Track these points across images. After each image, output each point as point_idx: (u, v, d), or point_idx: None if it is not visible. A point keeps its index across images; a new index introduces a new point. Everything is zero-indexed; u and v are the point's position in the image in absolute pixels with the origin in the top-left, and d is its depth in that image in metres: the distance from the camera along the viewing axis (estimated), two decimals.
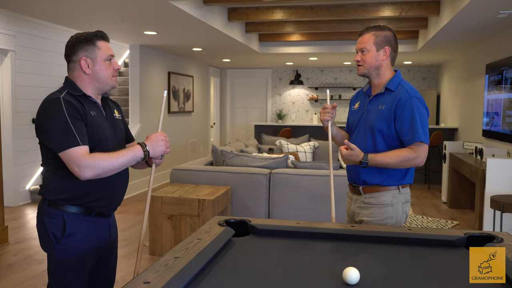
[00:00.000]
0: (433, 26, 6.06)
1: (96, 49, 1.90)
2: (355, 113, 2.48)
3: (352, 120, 2.49)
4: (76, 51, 1.89)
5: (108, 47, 1.95)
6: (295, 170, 4.82)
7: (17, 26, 6.06)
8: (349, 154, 2.24)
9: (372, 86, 2.43)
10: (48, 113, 1.80)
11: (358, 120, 2.42)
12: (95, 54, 1.90)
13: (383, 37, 2.30)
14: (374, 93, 2.38)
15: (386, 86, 2.32)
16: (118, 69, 1.98)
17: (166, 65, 8.41)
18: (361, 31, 2.37)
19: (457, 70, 8.38)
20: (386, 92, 2.32)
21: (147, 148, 1.93)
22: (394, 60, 2.37)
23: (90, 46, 1.89)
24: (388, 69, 2.35)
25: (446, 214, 6.14)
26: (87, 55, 1.89)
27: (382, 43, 2.30)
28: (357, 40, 2.39)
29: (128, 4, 4.54)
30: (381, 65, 2.32)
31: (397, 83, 2.32)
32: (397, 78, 2.35)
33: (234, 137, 11.62)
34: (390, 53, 2.32)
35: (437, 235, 1.96)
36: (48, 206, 1.87)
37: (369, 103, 2.39)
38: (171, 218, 4.21)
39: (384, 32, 2.31)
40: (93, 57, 1.90)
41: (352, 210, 2.47)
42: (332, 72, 11.03)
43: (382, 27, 2.32)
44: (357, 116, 2.44)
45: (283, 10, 5.95)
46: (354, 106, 2.52)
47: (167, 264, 1.56)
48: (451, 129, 8.28)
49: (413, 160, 2.22)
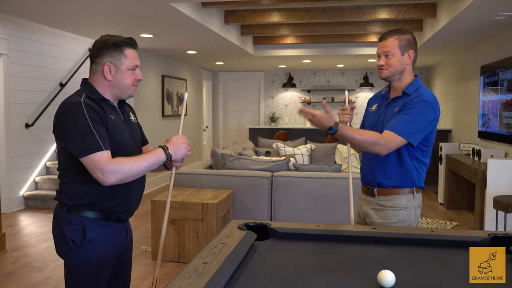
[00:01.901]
0: (429, 29, 6.10)
1: (122, 57, 1.85)
2: (372, 115, 2.46)
3: (369, 122, 2.47)
4: (102, 54, 1.83)
5: (135, 57, 1.89)
6: (297, 172, 4.80)
7: (10, 29, 5.95)
8: (323, 116, 2.10)
9: (391, 89, 2.41)
10: (69, 117, 1.74)
11: (374, 123, 2.40)
12: (120, 62, 1.84)
13: (406, 41, 2.29)
14: (393, 96, 2.37)
15: (404, 91, 2.30)
16: (140, 80, 1.92)
17: (160, 68, 8.35)
18: (383, 35, 2.33)
19: (450, 72, 8.46)
20: (403, 96, 2.31)
21: (170, 151, 1.88)
22: (415, 63, 2.36)
23: (117, 53, 1.84)
24: (410, 73, 2.34)
25: (444, 215, 6.17)
26: (112, 61, 1.83)
27: (406, 47, 2.29)
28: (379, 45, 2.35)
29: (127, 5, 4.49)
30: (405, 69, 2.31)
31: (415, 88, 2.30)
32: (417, 83, 2.33)
33: (227, 140, 11.58)
34: (414, 56, 2.32)
35: (460, 237, 1.94)
36: (67, 212, 1.81)
37: (386, 106, 2.38)
38: (174, 222, 4.16)
39: (407, 35, 2.30)
40: (118, 65, 1.84)
41: (364, 211, 2.45)
42: (325, 74, 11.06)
43: (404, 31, 2.31)
44: (374, 119, 2.43)
45: (280, 12, 5.94)
46: (371, 108, 2.50)
47: (197, 269, 1.53)
48: (445, 130, 8.34)
49: (377, 145, 2.13)
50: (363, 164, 2.46)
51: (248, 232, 1.98)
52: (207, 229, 4.07)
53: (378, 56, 2.35)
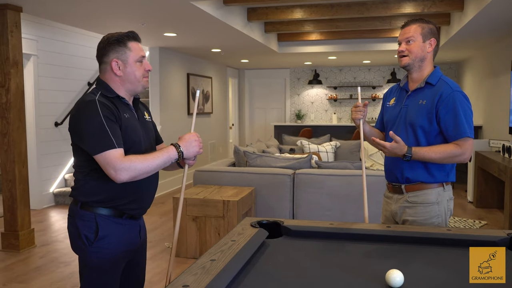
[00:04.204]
0: (456, 22, 5.94)
1: (127, 50, 1.88)
2: (391, 110, 2.42)
3: (388, 117, 2.42)
4: (107, 52, 1.87)
5: (140, 48, 1.93)
6: (319, 170, 4.76)
7: (39, 30, 6.12)
8: (394, 146, 2.16)
9: (410, 81, 2.37)
10: (84, 116, 1.78)
11: (395, 117, 2.35)
12: (126, 56, 1.88)
13: (429, 29, 2.27)
14: (413, 88, 2.33)
15: (427, 81, 2.27)
16: (150, 70, 1.95)
17: (185, 66, 8.43)
18: (406, 23, 2.31)
19: (480, 67, 8.22)
20: (427, 86, 2.27)
21: (181, 149, 1.90)
22: (435, 55, 2.33)
23: (121, 47, 1.87)
24: (430, 63, 2.31)
25: (473, 214, 6.01)
26: (118, 56, 1.87)
27: (428, 35, 2.27)
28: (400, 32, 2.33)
29: (150, 5, 4.55)
30: (426, 57, 2.28)
31: (438, 77, 2.27)
32: (438, 72, 2.30)
33: (253, 137, 11.60)
34: (435, 46, 2.28)
35: (478, 236, 1.89)
36: (81, 208, 1.86)
37: (407, 98, 2.33)
38: (195, 219, 4.20)
39: (430, 25, 2.29)
40: (124, 59, 1.88)
41: (393, 210, 2.39)
42: (351, 71, 10.93)
43: (427, 20, 2.29)
44: (394, 112, 2.38)
45: (303, 9, 5.90)
46: (389, 103, 2.45)
47: (204, 266, 1.53)
48: (475, 127, 8.10)
49: (458, 156, 2.16)
50: (389, 161, 2.42)
51: (260, 229, 1.98)
52: (228, 226, 4.10)
53: (399, 43, 2.32)
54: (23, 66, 6.02)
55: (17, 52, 4.45)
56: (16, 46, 4.43)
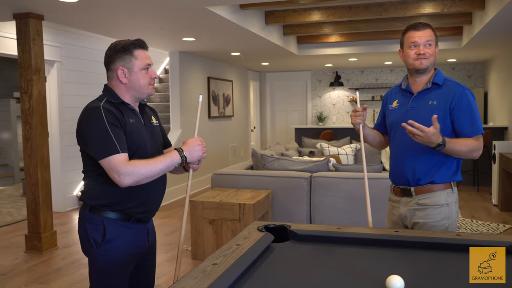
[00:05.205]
0: (478, 21, 5.82)
1: (133, 58, 1.92)
2: (395, 112, 2.40)
3: (393, 119, 2.41)
4: (114, 60, 1.92)
5: (146, 56, 1.96)
6: (337, 173, 4.74)
7: (63, 37, 6.28)
8: (433, 132, 2.05)
9: (412, 83, 2.37)
10: (89, 121, 1.83)
11: (401, 119, 2.33)
12: (132, 64, 1.92)
13: (436, 35, 2.33)
14: (418, 89, 2.33)
15: (433, 81, 2.29)
16: (155, 78, 1.99)
17: (205, 70, 8.50)
18: (420, 25, 2.28)
19: (505, 66, 8.02)
20: (433, 87, 2.29)
21: (184, 153, 1.93)
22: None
23: (127, 55, 1.91)
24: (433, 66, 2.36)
25: (498, 217, 5.86)
26: (124, 64, 1.91)
27: (437, 40, 2.33)
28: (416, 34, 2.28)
29: (167, 11, 4.61)
30: (434, 61, 2.33)
31: (443, 78, 2.31)
32: (441, 73, 2.34)
33: (275, 140, 11.60)
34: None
35: (487, 241, 1.84)
36: (89, 212, 1.91)
37: (413, 100, 2.33)
38: (212, 222, 4.23)
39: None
40: (130, 67, 1.92)
41: (402, 213, 2.38)
42: (373, 72, 10.82)
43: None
44: (398, 115, 2.36)
45: (321, 11, 5.88)
46: (391, 105, 2.44)
47: (205, 270, 1.55)
48: (500, 128, 7.92)
49: (477, 151, 2.19)
50: (397, 164, 2.40)
51: (266, 234, 1.98)
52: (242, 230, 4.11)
53: (414, 45, 2.28)
54: (47, 72, 6.20)
55: (39, 59, 4.58)
56: (38, 54, 4.56)
